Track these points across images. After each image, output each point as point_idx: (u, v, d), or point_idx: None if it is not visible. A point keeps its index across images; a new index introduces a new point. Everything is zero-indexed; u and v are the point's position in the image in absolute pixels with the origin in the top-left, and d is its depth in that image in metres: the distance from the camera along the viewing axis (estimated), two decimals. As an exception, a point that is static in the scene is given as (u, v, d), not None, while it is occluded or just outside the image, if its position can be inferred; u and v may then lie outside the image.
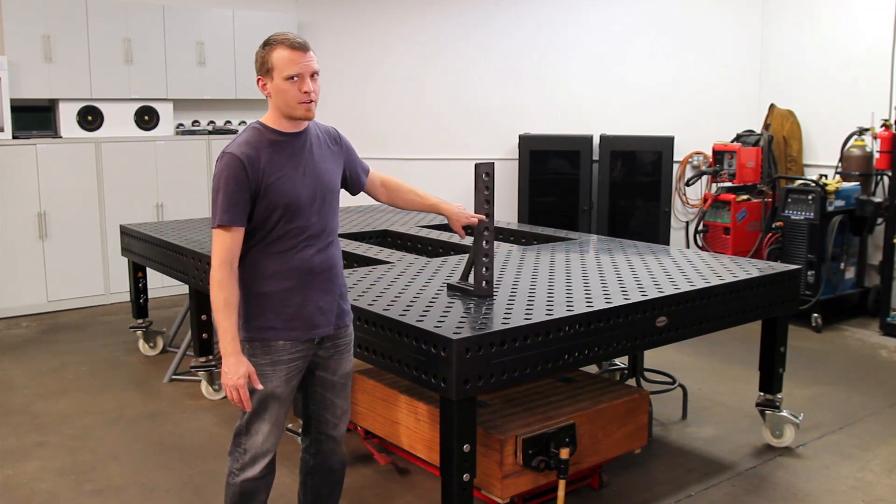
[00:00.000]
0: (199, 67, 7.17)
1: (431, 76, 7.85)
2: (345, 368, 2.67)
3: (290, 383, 2.55)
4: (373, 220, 5.38)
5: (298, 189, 2.47)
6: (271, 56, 2.44)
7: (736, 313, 3.54)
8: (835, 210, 6.05)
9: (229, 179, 2.37)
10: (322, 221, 2.54)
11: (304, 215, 2.48)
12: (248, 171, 2.38)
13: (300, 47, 2.46)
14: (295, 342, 2.52)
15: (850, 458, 3.85)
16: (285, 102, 2.46)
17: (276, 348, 2.50)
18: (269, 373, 2.50)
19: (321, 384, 2.65)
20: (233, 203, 2.37)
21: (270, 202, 2.42)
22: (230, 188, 2.37)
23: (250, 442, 2.54)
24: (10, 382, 4.99)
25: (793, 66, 7.08)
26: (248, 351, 2.50)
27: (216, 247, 2.41)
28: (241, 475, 2.56)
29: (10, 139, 6.35)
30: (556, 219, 7.01)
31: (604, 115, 7.51)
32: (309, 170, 2.52)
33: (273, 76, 2.44)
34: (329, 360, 2.63)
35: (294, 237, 2.48)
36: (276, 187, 2.42)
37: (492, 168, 3.04)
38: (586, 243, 4.44)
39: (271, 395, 2.51)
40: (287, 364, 2.52)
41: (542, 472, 3.07)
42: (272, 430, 2.54)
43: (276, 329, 2.49)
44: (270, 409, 2.52)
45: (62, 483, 3.63)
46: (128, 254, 5.47)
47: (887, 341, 5.72)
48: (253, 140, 2.44)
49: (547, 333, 2.81)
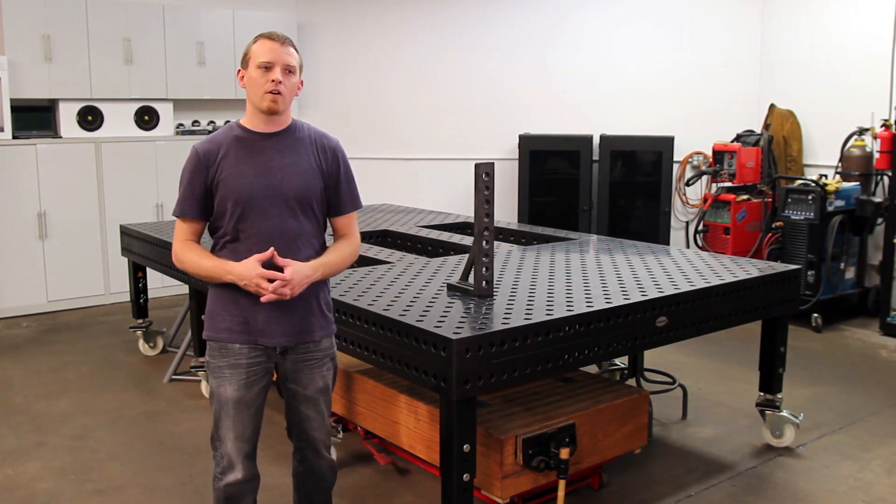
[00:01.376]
0: (199, 67, 7.17)
1: (431, 76, 7.86)
2: (317, 384, 2.57)
3: (252, 388, 2.48)
4: (373, 220, 5.38)
5: (252, 187, 2.42)
6: (251, 46, 2.47)
7: (736, 313, 3.54)
8: (835, 210, 6.05)
9: (185, 171, 2.47)
10: (283, 225, 2.45)
11: (260, 216, 2.43)
12: (203, 164, 2.43)
13: (279, 39, 2.46)
14: (252, 347, 2.47)
15: (850, 458, 3.85)
16: (254, 92, 2.45)
17: (234, 351, 2.47)
18: (227, 375, 2.46)
19: (293, 396, 2.59)
20: (187, 195, 2.46)
21: (222, 197, 2.44)
22: (185, 179, 2.47)
23: (223, 448, 2.50)
24: (10, 382, 4.99)
25: (793, 66, 7.08)
26: (209, 353, 2.50)
27: (176, 234, 2.51)
28: (223, 479, 2.51)
29: (10, 139, 6.35)
30: (556, 219, 7.01)
31: (604, 115, 7.51)
32: (273, 170, 2.45)
33: (249, 65, 2.46)
34: (298, 374, 2.55)
35: (248, 237, 2.44)
36: (226, 182, 2.43)
37: (492, 168, 3.04)
38: (586, 243, 4.44)
39: (232, 401, 2.46)
40: (246, 369, 2.47)
41: (542, 472, 3.07)
42: (239, 437, 2.48)
43: (231, 331, 2.47)
44: (234, 416, 2.47)
45: (62, 483, 3.63)
46: (128, 254, 5.47)
47: (887, 341, 5.72)
48: (219, 136, 2.50)
49: (547, 333, 2.81)
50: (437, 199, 7.36)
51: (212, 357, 2.50)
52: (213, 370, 2.50)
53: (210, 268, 2.43)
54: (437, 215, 5.59)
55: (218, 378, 2.48)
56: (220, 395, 2.48)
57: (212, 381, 2.51)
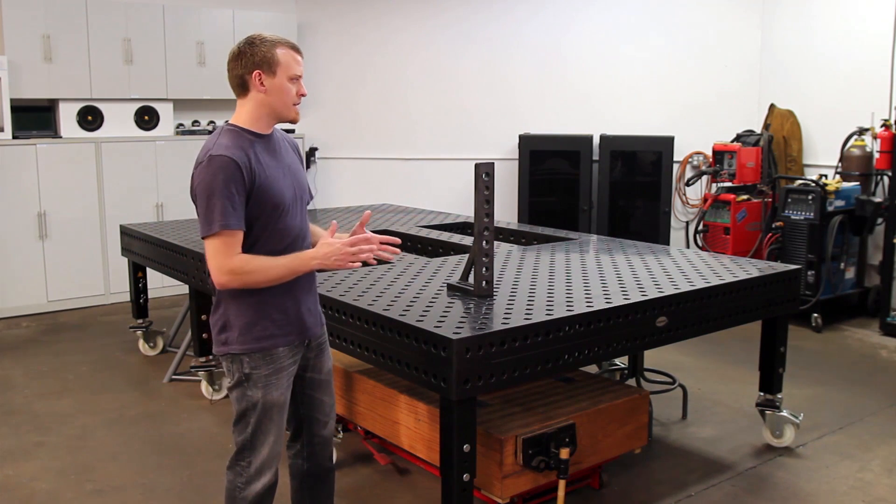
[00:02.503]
0: (199, 67, 7.17)
1: (431, 76, 7.85)
2: (327, 366, 2.69)
3: (290, 388, 2.54)
4: (372, 220, 5.38)
5: (284, 189, 2.45)
6: (275, 52, 2.41)
7: (736, 313, 3.54)
8: (835, 210, 6.05)
9: (227, 182, 2.29)
10: (303, 222, 2.55)
11: (290, 216, 2.47)
12: (244, 172, 2.32)
13: (300, 51, 2.49)
14: (292, 347, 2.51)
15: (850, 458, 3.85)
16: (282, 102, 2.44)
17: (278, 356, 2.46)
18: (273, 382, 2.45)
19: (310, 385, 2.63)
20: (234, 206, 2.30)
21: (260, 203, 2.37)
22: (228, 191, 2.29)
23: (255, 455, 2.48)
24: (10, 382, 4.99)
25: (793, 66, 7.08)
26: (249, 363, 2.43)
27: (218, 254, 2.31)
28: (247, 489, 2.48)
29: (10, 139, 6.35)
30: (556, 219, 7.01)
31: (604, 115, 7.51)
32: (288, 170, 2.50)
33: (277, 72, 2.41)
34: (315, 360, 2.63)
35: (283, 239, 2.45)
36: (265, 188, 2.38)
37: (492, 168, 3.04)
38: (586, 243, 4.44)
39: (276, 404, 2.47)
40: (287, 370, 2.50)
41: (542, 472, 3.07)
42: (277, 439, 2.51)
43: (274, 336, 2.45)
44: (276, 418, 2.49)
45: (62, 483, 3.63)
46: (128, 254, 5.46)
47: (887, 341, 5.72)
48: (237, 141, 2.38)
49: (547, 333, 2.81)
50: (437, 199, 7.36)
51: (253, 368, 2.43)
52: (255, 380, 2.44)
53: (287, 265, 2.36)
54: (437, 215, 5.59)
55: (264, 387, 2.44)
56: (267, 401, 2.44)
57: (252, 391, 2.44)
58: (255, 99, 2.44)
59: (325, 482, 2.77)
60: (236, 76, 2.45)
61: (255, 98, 2.44)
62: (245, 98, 2.46)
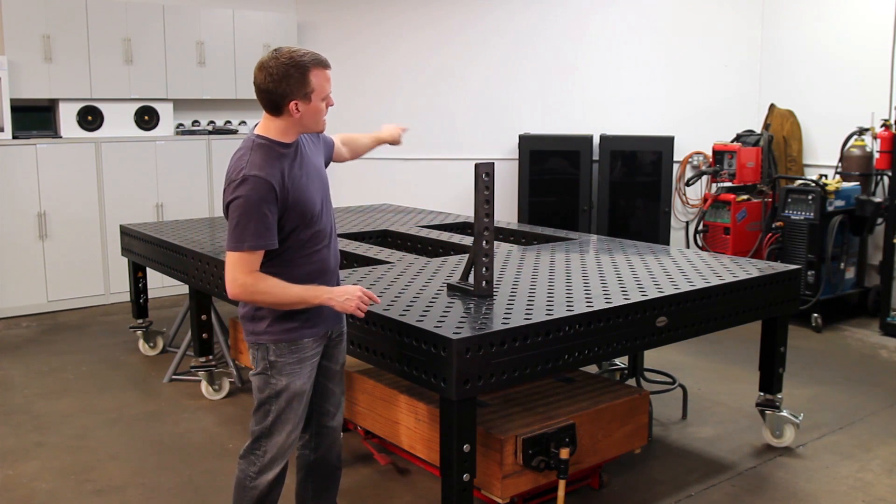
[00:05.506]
0: (199, 67, 7.17)
1: (431, 76, 7.86)
2: (343, 357, 2.80)
3: (311, 379, 2.62)
4: (373, 220, 5.38)
5: (314, 195, 2.53)
6: (310, 78, 2.40)
7: (736, 313, 3.54)
8: (835, 210, 6.05)
9: (261, 203, 2.34)
10: (329, 219, 2.62)
11: (319, 219, 2.55)
12: (278, 192, 2.38)
13: (329, 65, 2.47)
14: (317, 338, 2.60)
15: (850, 458, 3.85)
16: (314, 120, 2.49)
17: (303, 346, 2.56)
18: (296, 371, 2.55)
19: (323, 374, 2.72)
20: (267, 227, 2.37)
21: (294, 215, 2.45)
22: (262, 212, 2.35)
23: (271, 443, 2.57)
24: (10, 382, 4.99)
25: (793, 66, 7.08)
26: (275, 352, 2.52)
27: (237, 267, 2.38)
28: (259, 478, 2.58)
29: (10, 139, 6.35)
30: (556, 219, 7.01)
31: (604, 115, 7.51)
32: (312, 173, 2.56)
33: (311, 98, 2.42)
34: (333, 350, 2.73)
35: (313, 242, 2.54)
36: (297, 202, 2.45)
37: (492, 168, 3.04)
38: (586, 243, 4.44)
39: (298, 393, 2.57)
40: (311, 360, 2.59)
41: (542, 472, 3.07)
42: (293, 429, 2.59)
43: (302, 328, 2.54)
44: (296, 407, 2.57)
45: (62, 483, 3.63)
46: (128, 254, 5.47)
47: (887, 341, 5.72)
48: (270, 159, 2.41)
49: (547, 333, 2.81)
50: (437, 199, 7.36)
51: (279, 356, 2.53)
52: (279, 368, 2.53)
53: (300, 294, 2.44)
54: (437, 215, 5.59)
55: (288, 374, 2.54)
56: (290, 389, 2.54)
57: (276, 379, 2.53)
58: (288, 120, 2.46)
59: (330, 479, 2.84)
60: (267, 95, 2.42)
61: (288, 119, 2.46)
62: (277, 117, 2.46)
